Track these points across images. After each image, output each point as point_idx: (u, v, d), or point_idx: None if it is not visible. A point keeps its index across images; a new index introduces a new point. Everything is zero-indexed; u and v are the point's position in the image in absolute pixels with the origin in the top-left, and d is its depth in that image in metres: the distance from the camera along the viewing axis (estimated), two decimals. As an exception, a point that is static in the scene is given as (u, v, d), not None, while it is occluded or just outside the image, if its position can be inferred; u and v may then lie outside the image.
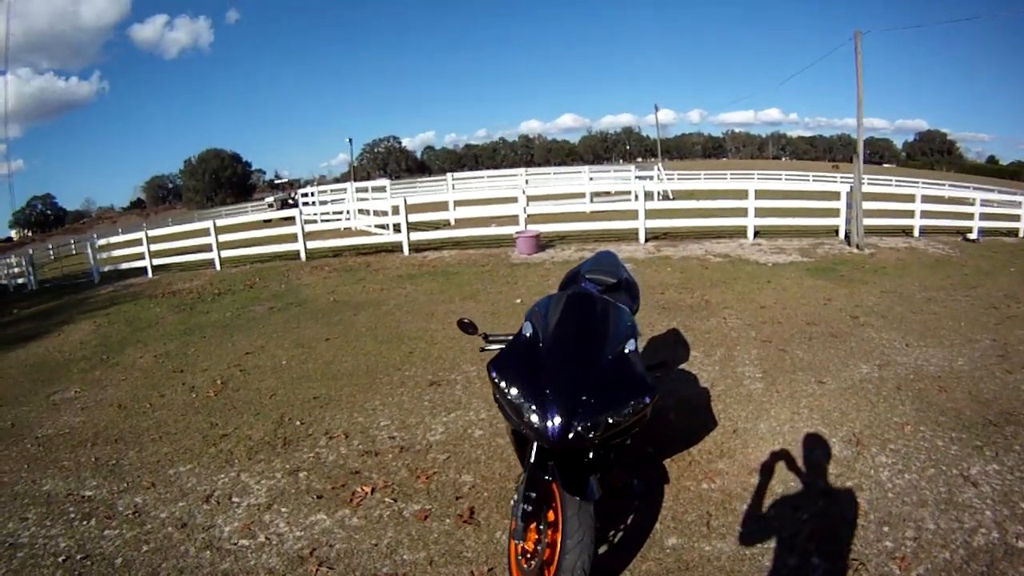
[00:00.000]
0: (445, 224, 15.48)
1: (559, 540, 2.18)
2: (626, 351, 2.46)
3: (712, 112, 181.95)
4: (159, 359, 7.55)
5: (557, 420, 2.17)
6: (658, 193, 17.76)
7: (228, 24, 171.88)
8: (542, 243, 11.68)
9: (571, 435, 2.17)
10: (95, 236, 19.90)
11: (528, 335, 2.57)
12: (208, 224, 14.52)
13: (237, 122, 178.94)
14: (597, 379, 2.31)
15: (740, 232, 11.89)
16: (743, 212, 11.66)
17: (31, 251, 20.93)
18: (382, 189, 18.87)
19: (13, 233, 75.82)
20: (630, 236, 12.13)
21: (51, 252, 30.97)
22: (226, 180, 73.34)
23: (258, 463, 4.37)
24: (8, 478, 4.74)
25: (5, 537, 3.84)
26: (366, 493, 3.71)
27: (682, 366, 5.19)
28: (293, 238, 13.67)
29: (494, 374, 2.42)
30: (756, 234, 11.71)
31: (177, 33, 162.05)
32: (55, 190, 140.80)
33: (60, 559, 3.51)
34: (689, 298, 7.28)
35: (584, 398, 2.23)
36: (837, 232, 12.08)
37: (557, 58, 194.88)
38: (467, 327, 2.85)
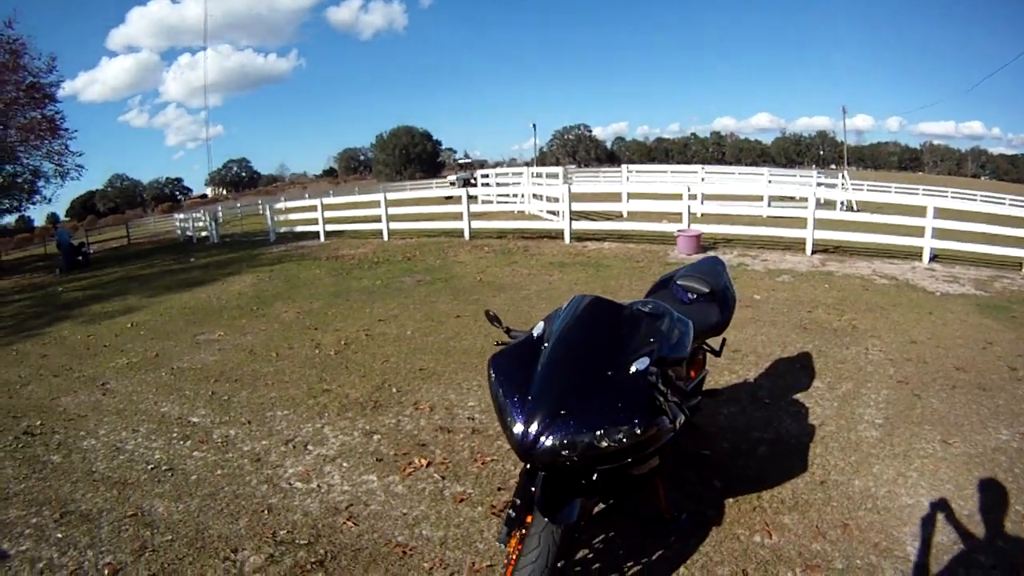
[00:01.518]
0: (618, 216, 15.99)
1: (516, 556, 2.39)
2: (633, 369, 2.48)
3: (911, 121, 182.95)
4: (300, 316, 8.88)
5: (530, 430, 2.30)
6: (842, 203, 18.03)
7: (422, 8, 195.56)
8: (704, 244, 11.88)
9: (541, 450, 2.28)
10: (277, 200, 23.51)
11: (536, 336, 2.72)
12: (379, 197, 16.31)
13: (430, 103, 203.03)
14: (586, 395, 2.38)
15: (916, 254, 11.06)
16: (922, 232, 10.85)
17: (216, 208, 25.02)
18: (555, 176, 20.03)
19: (209, 191, 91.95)
20: (797, 246, 11.69)
21: (239, 211, 36.73)
22: (415, 156, 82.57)
23: (344, 420, 5.18)
24: (137, 397, 6.24)
25: (114, 442, 5.14)
26: (421, 466, 4.28)
27: (798, 395, 5.30)
28: (459, 216, 14.89)
29: (491, 370, 2.62)
30: (933, 258, 10.87)
31: (372, 16, 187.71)
32: (251, 155, 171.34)
33: (150, 467, 4.62)
34: (836, 321, 7.45)
35: (563, 412, 2.32)
36: (1022, 266, 10.57)
37: (754, 54, 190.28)
38: (492, 319, 3.07)
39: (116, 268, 18.70)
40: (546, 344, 2.61)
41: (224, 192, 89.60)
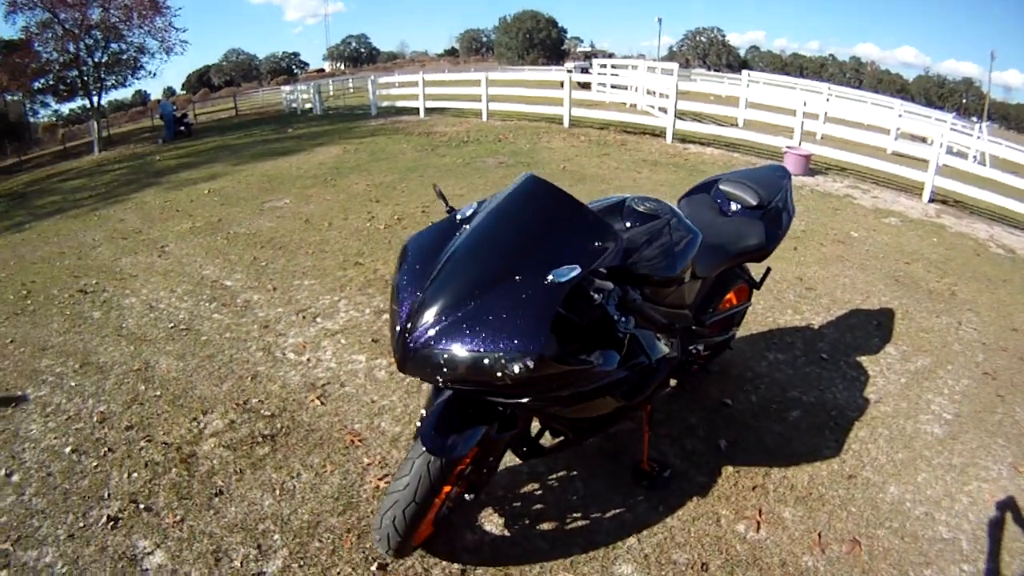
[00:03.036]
0: (732, 122, 14.76)
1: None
2: (550, 277, 1.91)
3: None
4: (369, 188, 8.91)
5: (410, 334, 1.94)
6: (975, 155, 16.00)
7: None
8: (813, 167, 10.62)
9: (415, 361, 1.93)
10: (387, 75, 23.42)
11: (459, 218, 2.25)
12: (480, 76, 16.01)
13: None
14: (489, 302, 1.91)
15: None
16: None
17: (320, 82, 25.52)
18: (670, 72, 18.95)
19: (327, 65, 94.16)
20: (915, 189, 10.11)
21: (351, 85, 37.10)
22: (539, 42, 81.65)
23: (362, 296, 5.21)
24: (187, 260, 6.54)
25: (150, 301, 5.47)
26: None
27: (862, 358, 4.56)
28: (562, 102, 14.30)
29: (402, 253, 2.24)
30: None
31: None
32: (371, 32, 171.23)
33: (170, 326, 4.88)
34: (935, 281, 6.43)
35: (454, 319, 1.90)
36: None
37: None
38: (439, 195, 2.57)
39: (215, 138, 19.55)
40: (465, 228, 2.17)
41: (342, 67, 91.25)
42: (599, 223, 2.12)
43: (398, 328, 1.98)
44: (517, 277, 1.92)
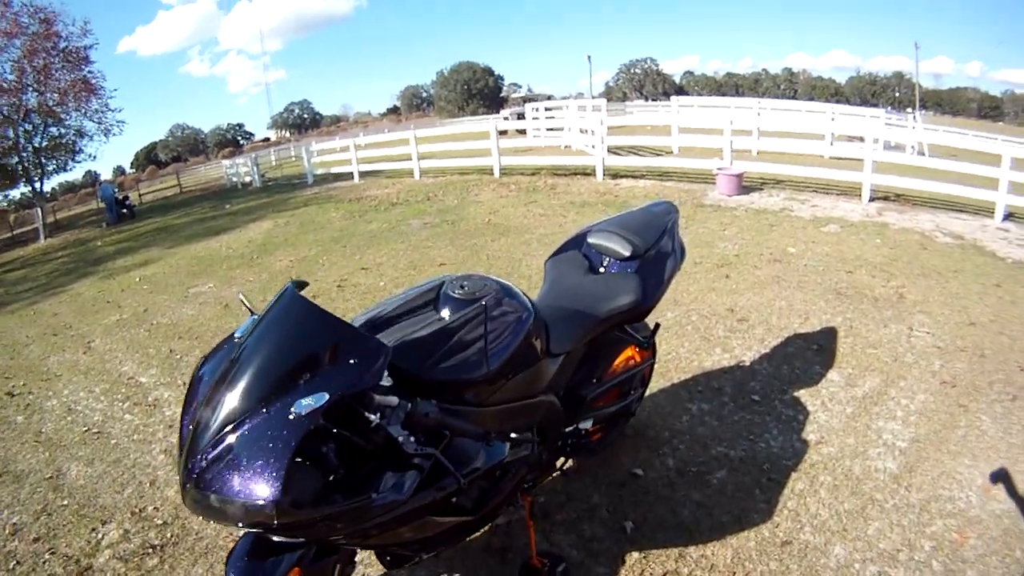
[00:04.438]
0: (668, 152, 15.29)
1: None
2: (295, 412, 1.64)
3: (992, 67, 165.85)
4: (291, 265, 9.18)
5: (186, 468, 1.73)
6: (912, 146, 16.64)
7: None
8: (747, 184, 10.96)
9: (190, 498, 1.73)
10: (314, 143, 24.05)
11: (237, 336, 2.03)
12: (409, 134, 16.49)
13: (493, 36, 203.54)
14: (237, 439, 1.68)
15: (988, 209, 9.32)
16: (996, 184, 9.25)
17: (254, 156, 26.03)
18: (598, 108, 19.60)
19: (272, 134, 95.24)
20: (854, 191, 10.43)
21: (292, 153, 37.53)
22: (477, 91, 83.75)
23: None
24: (109, 356, 6.71)
25: (70, 403, 5.61)
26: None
27: (802, 392, 4.19)
28: (489, 153, 14.71)
29: (196, 369, 2.09)
30: (1007, 216, 9.10)
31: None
32: (314, 97, 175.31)
33: (84, 430, 4.99)
34: (881, 286, 6.23)
35: (207, 459, 1.69)
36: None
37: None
38: (244, 303, 2.33)
39: (157, 218, 19.80)
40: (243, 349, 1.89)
41: (287, 134, 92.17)
42: (354, 337, 1.87)
43: (179, 463, 1.77)
44: (264, 410, 1.68)
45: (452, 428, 1.94)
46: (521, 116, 28.99)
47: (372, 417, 1.75)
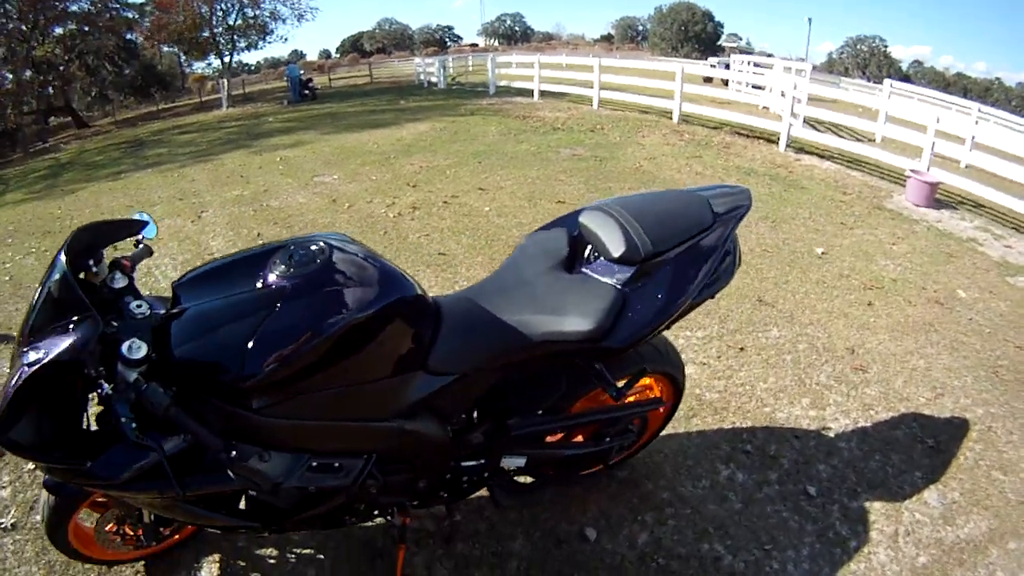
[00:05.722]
0: (870, 138, 13.22)
1: None
2: (23, 362, 1.53)
3: None
4: (418, 171, 9.08)
5: None
6: None
7: None
8: (940, 197, 8.54)
9: None
10: (503, 55, 23.85)
11: None
12: (593, 61, 15.93)
13: None
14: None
15: None
16: None
17: (442, 59, 26.68)
18: (801, 73, 17.70)
19: (481, 41, 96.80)
20: None
21: (496, 63, 37.56)
22: (694, 35, 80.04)
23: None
24: (207, 229, 7.05)
25: (151, 265, 5.47)
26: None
27: (877, 505, 2.91)
28: (672, 95, 13.66)
29: None
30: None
31: None
32: (528, 11, 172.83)
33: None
34: None
35: None
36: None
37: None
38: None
39: (333, 104, 20.59)
40: None
41: (496, 43, 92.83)
42: (69, 298, 1.55)
43: None
44: (20, 351, 1.55)
45: (186, 429, 1.51)
46: (728, 66, 27.19)
47: (105, 386, 1.49)
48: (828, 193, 8.32)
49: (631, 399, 2.48)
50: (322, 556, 2.48)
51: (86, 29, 29.15)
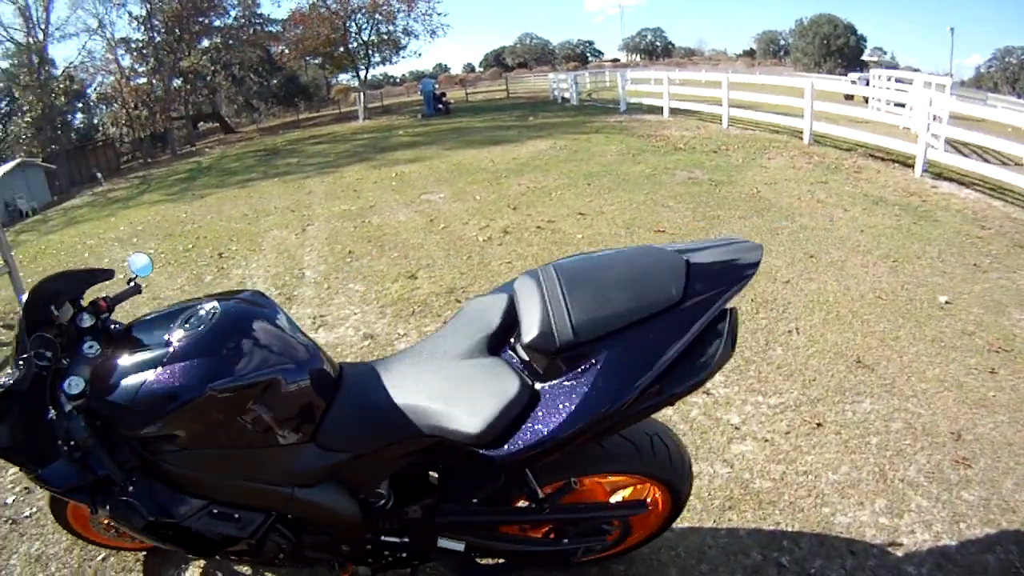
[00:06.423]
0: (1017, 162, 11.69)
1: None
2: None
3: None
4: (524, 192, 9.04)
5: None
6: None
7: None
8: None
9: None
10: (634, 71, 23.76)
11: None
12: (721, 77, 15.30)
13: None
14: None
15: None
16: None
17: (575, 75, 27.12)
18: (942, 88, 16.00)
19: (622, 56, 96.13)
20: None
21: (628, 78, 37.57)
22: (836, 49, 76.24)
23: (376, 315, 5.09)
24: (307, 243, 7.35)
25: (246, 276, 6.24)
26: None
27: None
28: (801, 113, 12.93)
29: None
30: None
31: None
32: (669, 26, 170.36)
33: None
34: None
35: None
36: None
37: None
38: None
39: (464, 118, 21.19)
40: None
41: (637, 59, 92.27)
42: (20, 339, 1.83)
43: None
44: None
45: (98, 460, 1.74)
46: (868, 83, 25.56)
47: (52, 412, 1.76)
48: (964, 227, 7.50)
49: (617, 498, 2.21)
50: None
51: (231, 42, 32.25)
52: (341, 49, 32.14)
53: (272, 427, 1.73)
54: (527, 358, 1.74)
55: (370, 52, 32.60)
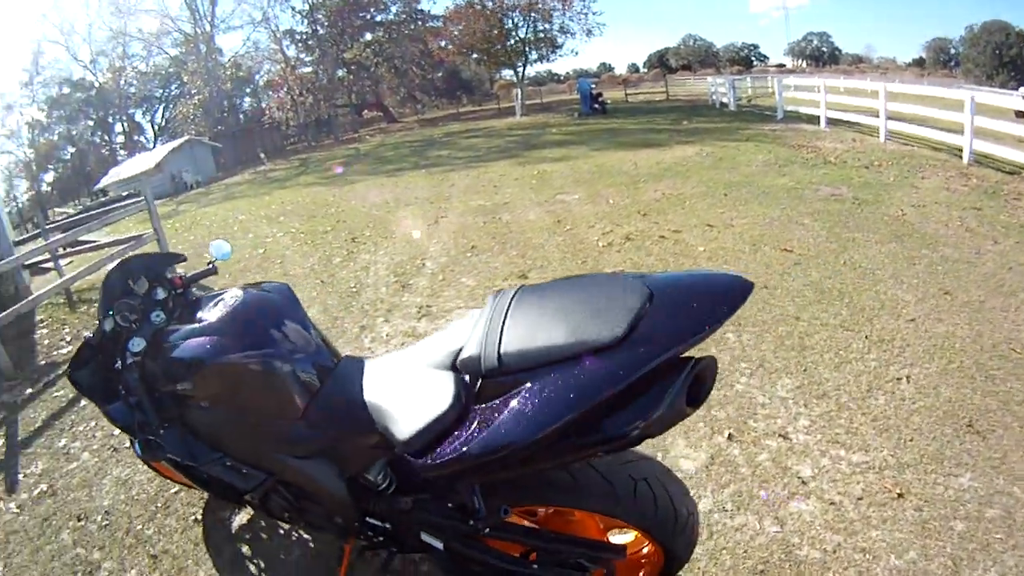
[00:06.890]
0: None
1: None
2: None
3: None
4: (657, 199, 9.05)
5: None
6: None
7: None
8: None
9: None
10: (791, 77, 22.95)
11: None
12: (879, 86, 14.42)
13: None
14: None
15: None
16: None
17: (734, 79, 26.56)
18: None
19: (788, 61, 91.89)
20: None
21: (791, 85, 36.16)
22: (1010, 59, 67.65)
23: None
24: (436, 234, 7.88)
25: (371, 262, 6.87)
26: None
27: None
28: (961, 129, 12.00)
29: None
30: None
31: None
32: (836, 31, 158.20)
33: (352, 287, 5.52)
34: None
35: None
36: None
37: None
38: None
39: (619, 119, 21.29)
40: None
41: (803, 64, 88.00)
42: (103, 304, 2.48)
43: None
44: None
45: (142, 408, 2.17)
46: (1040, 96, 23.03)
47: (119, 363, 2.31)
48: None
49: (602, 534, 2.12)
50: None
51: (393, 36, 34.19)
52: (499, 46, 33.83)
53: (268, 401, 2.10)
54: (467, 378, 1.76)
55: (527, 50, 34.04)
